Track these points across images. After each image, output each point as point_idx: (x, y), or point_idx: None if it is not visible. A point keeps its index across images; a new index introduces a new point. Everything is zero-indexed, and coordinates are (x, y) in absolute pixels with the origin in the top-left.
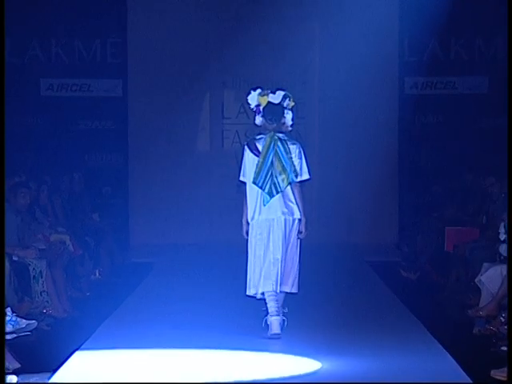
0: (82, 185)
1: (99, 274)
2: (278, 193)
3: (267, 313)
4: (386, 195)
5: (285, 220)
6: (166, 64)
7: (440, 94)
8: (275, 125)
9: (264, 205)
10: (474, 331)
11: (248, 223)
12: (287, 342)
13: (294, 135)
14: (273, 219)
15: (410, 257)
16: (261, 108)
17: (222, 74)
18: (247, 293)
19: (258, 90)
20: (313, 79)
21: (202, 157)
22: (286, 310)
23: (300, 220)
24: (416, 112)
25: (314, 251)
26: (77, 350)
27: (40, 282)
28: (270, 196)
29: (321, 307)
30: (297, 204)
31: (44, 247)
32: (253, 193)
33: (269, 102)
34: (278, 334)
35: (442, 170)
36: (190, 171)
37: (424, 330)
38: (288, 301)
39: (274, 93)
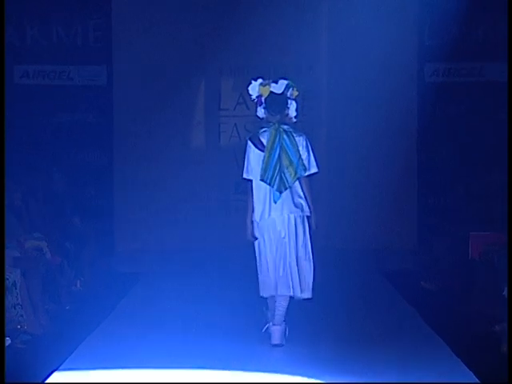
0: (62, 185)
1: (80, 285)
2: (286, 189)
3: (267, 318)
4: (403, 195)
5: (294, 218)
6: (156, 49)
7: (464, 82)
8: (278, 116)
9: (275, 202)
10: (501, 349)
11: (253, 223)
12: (292, 360)
13: (299, 129)
14: (282, 217)
15: (430, 265)
16: (262, 99)
17: (219, 59)
18: (261, 294)
19: (260, 80)
20: (320, 65)
21: (196, 153)
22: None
23: (309, 216)
24: (437, 102)
25: (321, 258)
26: (55, 370)
27: (14, 293)
28: (279, 193)
29: (328, 321)
30: (306, 199)
31: (18, 255)
32: (260, 191)
33: (271, 92)
34: (281, 345)
35: (466, 167)
36: (182, 169)
37: (445, 347)
38: (293, 313)
39: (276, 82)
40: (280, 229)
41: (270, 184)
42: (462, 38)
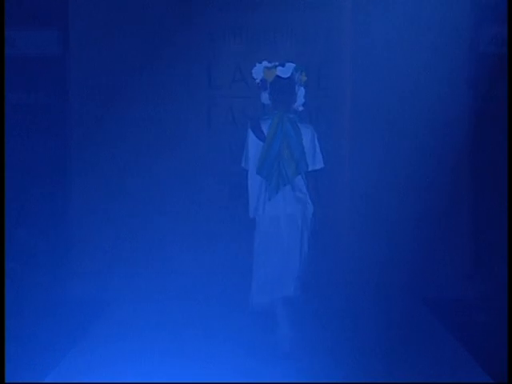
0: (4, 185)
1: (27, 317)
2: (285, 185)
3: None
4: (452, 204)
5: (295, 216)
6: (127, 7)
7: None
8: (284, 103)
9: (269, 199)
10: None
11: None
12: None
13: (315, 114)
14: (280, 215)
15: (487, 294)
16: (267, 83)
17: (210, 22)
18: (255, 300)
19: (264, 62)
20: (342, 30)
21: (178, 145)
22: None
23: (313, 216)
24: (496, 79)
25: (346, 283)
26: None
27: None
28: (276, 189)
29: (356, 353)
30: (309, 197)
31: None
32: (255, 183)
33: (277, 77)
34: (287, 353)
35: None
36: (160, 166)
37: None
38: (318, 341)
39: (282, 65)
40: (278, 228)
41: (266, 179)
42: None
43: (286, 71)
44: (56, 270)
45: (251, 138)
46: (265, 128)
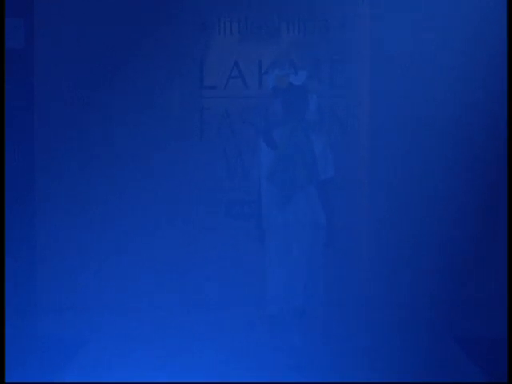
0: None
1: None
2: (297, 193)
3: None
4: (489, 224)
5: (306, 226)
6: None
7: None
8: (297, 111)
9: (284, 207)
10: None
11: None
12: None
13: (327, 115)
14: (293, 225)
15: None
16: (279, 91)
17: (201, 8)
18: (269, 312)
19: (276, 70)
20: (359, 17)
21: (164, 155)
22: None
23: (325, 226)
24: None
25: (366, 315)
26: None
27: None
28: (288, 198)
29: None
30: (323, 207)
31: None
32: (268, 193)
33: (289, 84)
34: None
35: None
36: (144, 179)
37: None
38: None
39: (295, 73)
40: (290, 238)
41: (278, 187)
42: None
43: (298, 78)
44: (18, 302)
45: (263, 147)
46: (276, 137)
